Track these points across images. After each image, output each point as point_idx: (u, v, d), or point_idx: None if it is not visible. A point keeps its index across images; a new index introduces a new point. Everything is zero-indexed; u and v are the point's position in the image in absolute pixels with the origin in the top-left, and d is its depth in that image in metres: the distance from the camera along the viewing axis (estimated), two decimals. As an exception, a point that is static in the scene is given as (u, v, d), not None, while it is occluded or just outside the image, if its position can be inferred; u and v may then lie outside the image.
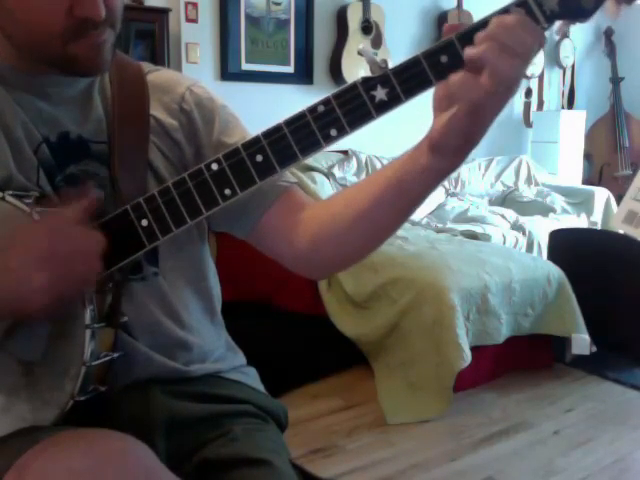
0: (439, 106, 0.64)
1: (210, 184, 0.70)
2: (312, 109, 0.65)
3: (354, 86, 0.65)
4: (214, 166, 0.69)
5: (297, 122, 0.66)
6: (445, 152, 0.65)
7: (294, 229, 0.83)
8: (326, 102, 0.65)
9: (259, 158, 0.68)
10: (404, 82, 0.63)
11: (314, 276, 0.94)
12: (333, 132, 0.65)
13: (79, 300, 0.69)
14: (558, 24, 0.61)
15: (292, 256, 0.85)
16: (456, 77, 0.61)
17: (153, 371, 0.81)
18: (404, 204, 0.73)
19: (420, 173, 0.68)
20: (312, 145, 0.66)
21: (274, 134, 0.67)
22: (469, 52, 0.60)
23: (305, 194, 0.88)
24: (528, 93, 4.66)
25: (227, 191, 0.69)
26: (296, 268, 0.87)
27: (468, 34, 0.61)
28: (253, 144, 0.68)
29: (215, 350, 0.91)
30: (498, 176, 4.27)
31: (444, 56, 0.62)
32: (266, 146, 0.67)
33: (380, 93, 0.64)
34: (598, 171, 4.83)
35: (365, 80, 0.64)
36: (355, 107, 0.64)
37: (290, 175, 0.87)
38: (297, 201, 0.85)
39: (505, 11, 0.61)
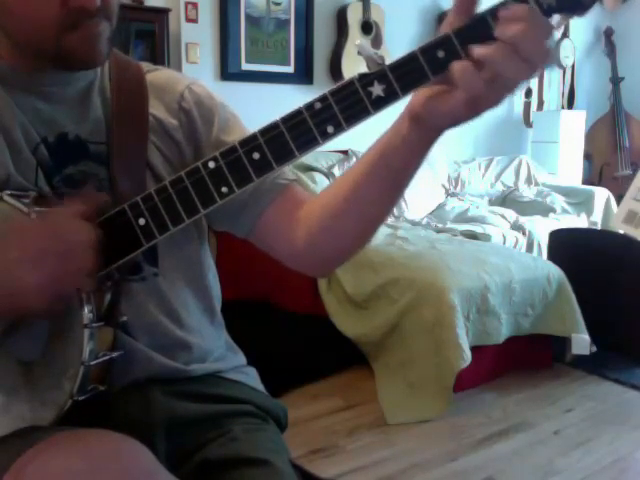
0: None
1: (207, 182, 0.69)
2: (309, 106, 0.65)
3: (351, 82, 0.64)
4: (211, 164, 0.69)
5: (294, 119, 0.65)
6: (424, 126, 0.66)
7: (293, 226, 0.83)
8: (323, 99, 0.65)
9: (256, 156, 0.67)
10: (401, 78, 0.63)
11: (315, 273, 0.94)
12: (330, 129, 0.65)
13: (78, 296, 0.68)
14: (556, 18, 0.61)
15: (292, 253, 0.85)
16: (459, 65, 0.60)
17: (153, 371, 0.81)
18: (389, 179, 0.73)
19: (401, 143, 0.68)
20: (309, 142, 0.66)
21: (271, 131, 0.66)
22: (478, 51, 0.59)
23: (304, 191, 0.88)
24: (528, 93, 4.65)
25: (224, 189, 0.69)
26: (297, 265, 0.87)
27: (465, 30, 0.61)
28: (250, 141, 0.67)
29: (215, 350, 0.91)
30: (498, 176, 4.27)
31: (441, 51, 0.61)
32: (263, 144, 0.67)
33: (377, 89, 0.63)
34: (598, 171, 4.83)
35: (362, 76, 0.64)
36: (352, 103, 0.64)
37: (289, 172, 0.86)
38: (296, 198, 0.85)
39: (503, 5, 0.60)
